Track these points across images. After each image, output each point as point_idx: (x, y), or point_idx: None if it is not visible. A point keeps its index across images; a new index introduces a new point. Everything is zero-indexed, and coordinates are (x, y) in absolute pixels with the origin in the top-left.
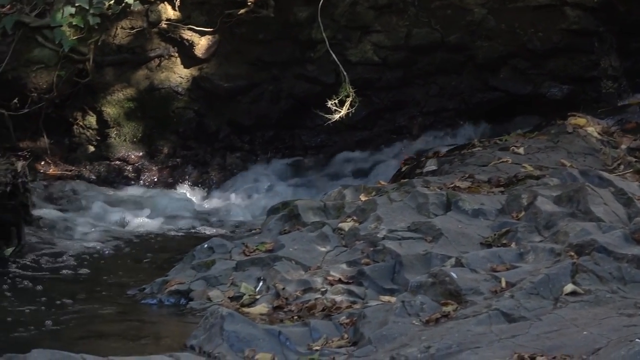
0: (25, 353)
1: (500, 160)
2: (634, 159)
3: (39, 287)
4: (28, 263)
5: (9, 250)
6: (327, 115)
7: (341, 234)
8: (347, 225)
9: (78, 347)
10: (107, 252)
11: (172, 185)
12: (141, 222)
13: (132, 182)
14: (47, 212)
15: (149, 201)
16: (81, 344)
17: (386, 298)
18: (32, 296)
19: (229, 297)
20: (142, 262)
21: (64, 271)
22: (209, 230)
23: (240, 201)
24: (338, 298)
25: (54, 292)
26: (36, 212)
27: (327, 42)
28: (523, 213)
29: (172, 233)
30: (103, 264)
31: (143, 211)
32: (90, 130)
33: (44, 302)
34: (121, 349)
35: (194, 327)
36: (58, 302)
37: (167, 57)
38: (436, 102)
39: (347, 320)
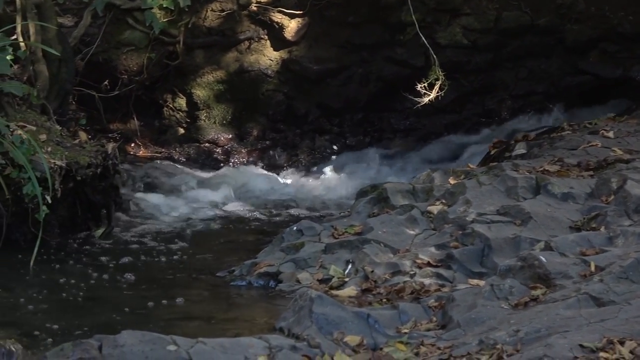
0: (115, 334)
1: (590, 144)
2: None
3: (128, 269)
4: (117, 245)
5: (99, 231)
6: (416, 99)
7: (430, 217)
8: (436, 208)
9: (168, 328)
10: (196, 234)
11: (261, 168)
12: (230, 204)
13: (222, 165)
14: (136, 194)
15: (238, 183)
16: (171, 326)
17: (475, 281)
18: (122, 278)
19: (317, 280)
20: (231, 244)
21: (153, 253)
22: (298, 213)
23: (329, 184)
24: (427, 281)
25: (143, 274)
26: (126, 194)
27: (416, 25)
28: (612, 197)
29: (261, 215)
30: (192, 246)
31: (232, 193)
32: (180, 113)
33: (133, 283)
34: (210, 330)
35: (282, 309)
36: (147, 284)
37: (256, 39)
38: (525, 86)
39: (436, 304)
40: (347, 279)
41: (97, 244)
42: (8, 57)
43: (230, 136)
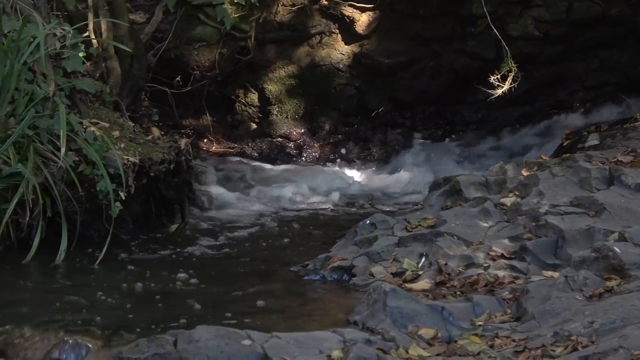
0: (190, 329)
1: None
2: None
3: (202, 264)
4: (191, 240)
5: (173, 227)
6: (488, 91)
7: (503, 209)
8: (509, 200)
9: (242, 323)
10: (269, 229)
11: (333, 162)
12: (302, 199)
13: (294, 159)
14: (209, 190)
15: (311, 178)
16: (245, 320)
17: (549, 273)
18: (196, 273)
19: (391, 273)
20: (305, 239)
21: (227, 248)
22: (370, 207)
23: (402, 177)
24: (501, 273)
25: (217, 269)
26: (199, 190)
27: (488, 17)
28: None
29: (334, 209)
30: (265, 241)
31: (304, 188)
32: (252, 108)
33: (207, 278)
34: (285, 324)
35: (357, 303)
36: (221, 279)
37: (328, 33)
38: (597, 76)
39: (510, 296)
40: (420, 272)
41: (170, 239)
42: (80, 55)
43: (303, 131)
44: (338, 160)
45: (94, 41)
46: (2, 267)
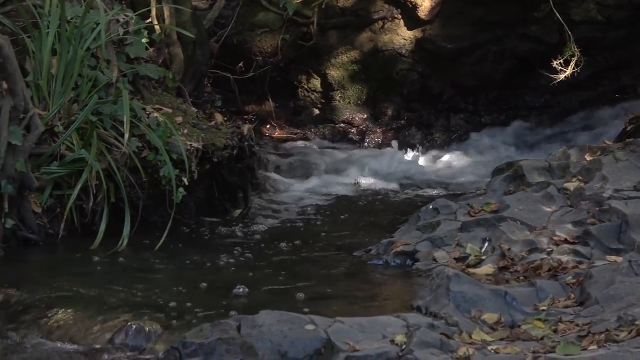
0: (254, 314)
1: None
2: None
3: (266, 250)
4: (254, 225)
5: (237, 212)
6: (551, 75)
7: (566, 194)
8: (572, 185)
9: (305, 308)
10: (331, 214)
11: (396, 147)
12: (365, 184)
13: (357, 144)
14: (273, 175)
15: (374, 163)
16: (308, 305)
17: (612, 258)
18: (259, 258)
19: (454, 258)
20: (367, 224)
21: (289, 233)
22: (433, 191)
23: (464, 162)
24: (564, 258)
25: (280, 254)
26: (262, 175)
27: (551, 2)
28: None
29: (396, 194)
30: (328, 226)
31: (367, 173)
32: (315, 93)
33: (270, 264)
34: (348, 310)
35: (420, 288)
36: (284, 263)
37: (390, 19)
38: None
39: (574, 280)
40: (483, 257)
41: (234, 224)
42: (143, 41)
43: (365, 116)
44: (401, 145)
45: (157, 27)
46: (66, 252)
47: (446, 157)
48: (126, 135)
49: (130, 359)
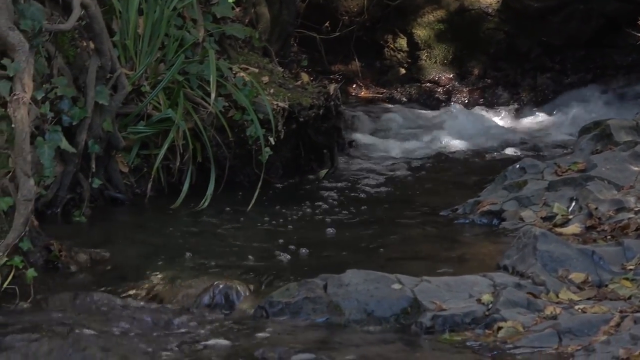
0: (340, 274)
1: None
2: None
3: (351, 209)
4: (341, 185)
5: (323, 172)
6: (638, 35)
7: None
8: None
9: (392, 267)
10: (418, 173)
11: (482, 107)
12: (451, 143)
13: (443, 104)
14: (359, 135)
15: (460, 122)
16: (395, 265)
17: None
18: (345, 217)
19: (541, 217)
20: (454, 183)
21: (376, 193)
22: (520, 151)
23: (551, 121)
24: None
25: (365, 214)
26: (348, 135)
27: None
28: None
29: (483, 154)
30: (414, 185)
31: (454, 132)
32: (401, 53)
33: (355, 223)
34: (434, 269)
35: (506, 247)
36: (370, 223)
37: None
38: None
39: None
40: (570, 217)
41: (320, 184)
42: (230, 0)
43: (451, 75)
44: (487, 104)
45: None
46: (153, 212)
47: (533, 117)
48: (212, 95)
49: (218, 319)
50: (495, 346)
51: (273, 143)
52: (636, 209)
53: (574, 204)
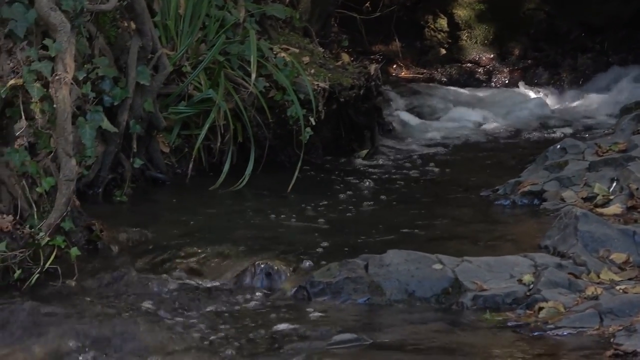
0: (381, 254)
1: None
2: None
3: (391, 189)
4: (380, 165)
5: (363, 152)
6: None
7: None
8: None
9: (432, 247)
10: (458, 153)
11: (523, 87)
12: (491, 123)
13: (483, 84)
14: (399, 115)
15: (501, 103)
16: (435, 245)
17: None
18: (384, 198)
19: (582, 198)
20: (494, 164)
21: (415, 173)
22: (560, 131)
23: (592, 102)
24: None
25: (406, 194)
26: (388, 115)
27: None
28: None
29: (524, 134)
30: (455, 166)
31: (494, 113)
32: (442, 33)
33: (396, 203)
34: (475, 249)
35: (547, 227)
36: (409, 203)
37: None
38: None
39: None
40: (611, 197)
41: (360, 164)
42: None
43: (492, 56)
44: (527, 85)
45: None
46: (194, 192)
47: (573, 97)
48: (253, 75)
49: (259, 298)
50: (537, 326)
51: (313, 123)
52: None
53: (614, 184)
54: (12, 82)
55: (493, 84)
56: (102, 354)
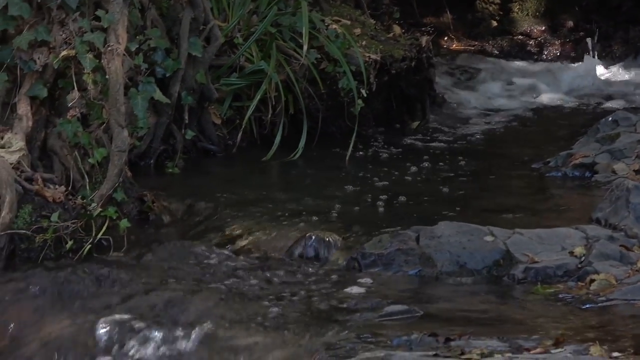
0: (432, 225)
1: None
2: None
3: (443, 162)
4: (432, 137)
5: (414, 124)
6: None
7: None
8: None
9: (484, 219)
10: (509, 125)
11: (574, 59)
12: (543, 96)
13: (535, 57)
14: (450, 87)
15: (552, 75)
16: (487, 217)
17: None
18: (436, 170)
19: (634, 170)
20: (545, 136)
21: (467, 145)
22: (612, 104)
23: None
24: None
25: (456, 166)
26: (440, 87)
27: None
28: None
29: (575, 107)
30: (506, 138)
31: (545, 85)
32: (493, 5)
33: (446, 175)
34: (526, 221)
35: (598, 200)
36: (460, 175)
37: None
38: None
39: None
40: None
41: (411, 137)
42: None
43: (543, 28)
44: (579, 57)
45: None
46: (245, 163)
47: (625, 69)
48: (305, 47)
49: (310, 269)
50: (588, 299)
51: (365, 95)
52: None
53: None
54: (64, 53)
55: (544, 56)
56: (154, 324)
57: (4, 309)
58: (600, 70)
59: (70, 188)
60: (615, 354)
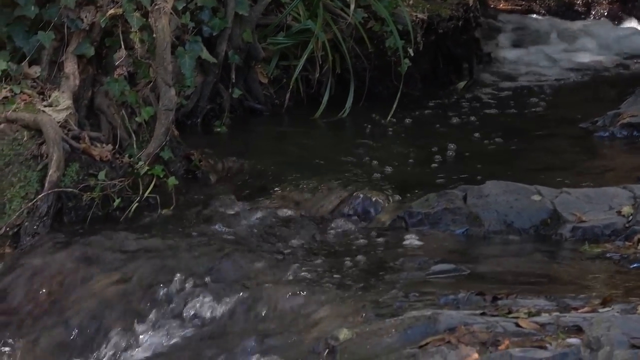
0: (480, 185)
1: None
2: None
3: (489, 121)
4: (478, 97)
5: (461, 84)
6: None
7: None
8: None
9: (531, 179)
10: (556, 86)
11: (622, 19)
12: (591, 56)
13: (582, 16)
14: (497, 47)
15: (599, 35)
16: (534, 176)
17: None
18: (483, 130)
19: None
20: (593, 96)
21: (514, 105)
22: None
23: None
24: None
25: (504, 126)
26: (487, 47)
27: None
28: None
29: (623, 66)
30: (553, 98)
31: (593, 45)
32: None
33: (494, 135)
34: (573, 181)
35: None
36: (508, 134)
37: None
38: None
39: None
40: None
41: (458, 96)
42: None
43: None
44: (628, 16)
45: None
46: (292, 122)
47: None
48: (352, 6)
49: (356, 228)
50: (636, 258)
51: (412, 54)
52: None
53: None
54: (111, 11)
55: (592, 15)
56: (202, 283)
57: (53, 265)
58: None
59: (117, 147)
60: None
